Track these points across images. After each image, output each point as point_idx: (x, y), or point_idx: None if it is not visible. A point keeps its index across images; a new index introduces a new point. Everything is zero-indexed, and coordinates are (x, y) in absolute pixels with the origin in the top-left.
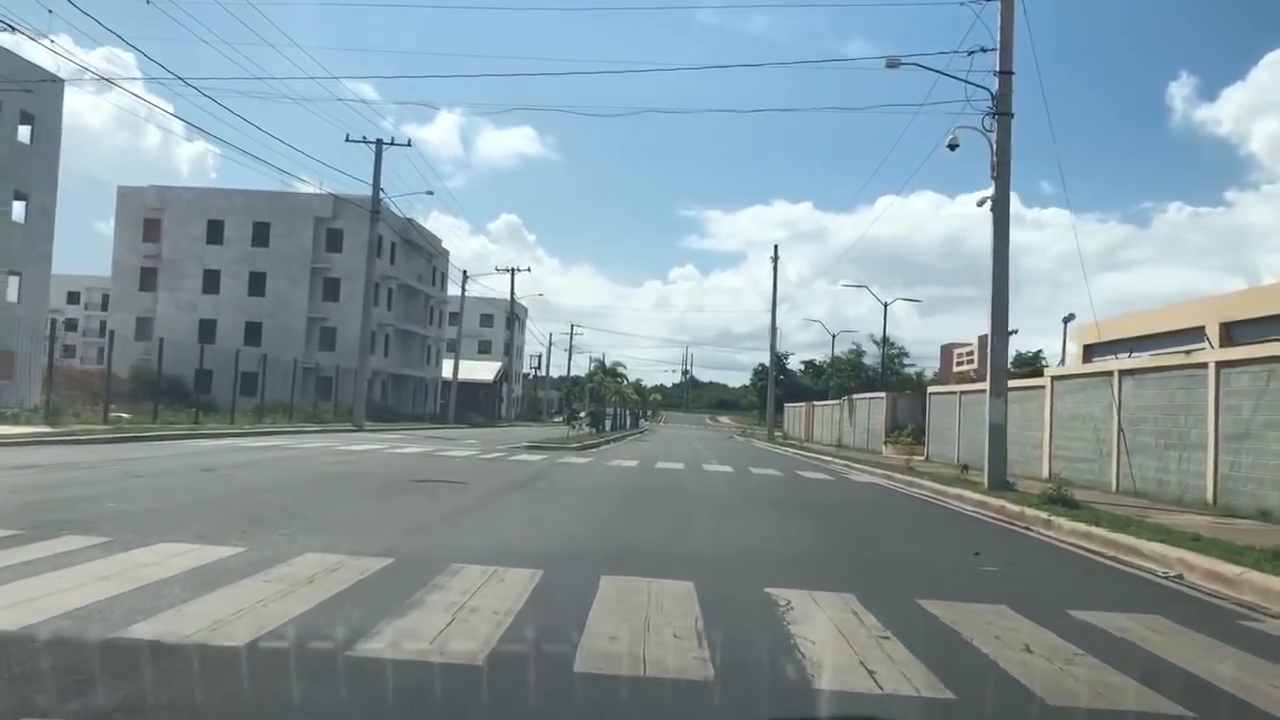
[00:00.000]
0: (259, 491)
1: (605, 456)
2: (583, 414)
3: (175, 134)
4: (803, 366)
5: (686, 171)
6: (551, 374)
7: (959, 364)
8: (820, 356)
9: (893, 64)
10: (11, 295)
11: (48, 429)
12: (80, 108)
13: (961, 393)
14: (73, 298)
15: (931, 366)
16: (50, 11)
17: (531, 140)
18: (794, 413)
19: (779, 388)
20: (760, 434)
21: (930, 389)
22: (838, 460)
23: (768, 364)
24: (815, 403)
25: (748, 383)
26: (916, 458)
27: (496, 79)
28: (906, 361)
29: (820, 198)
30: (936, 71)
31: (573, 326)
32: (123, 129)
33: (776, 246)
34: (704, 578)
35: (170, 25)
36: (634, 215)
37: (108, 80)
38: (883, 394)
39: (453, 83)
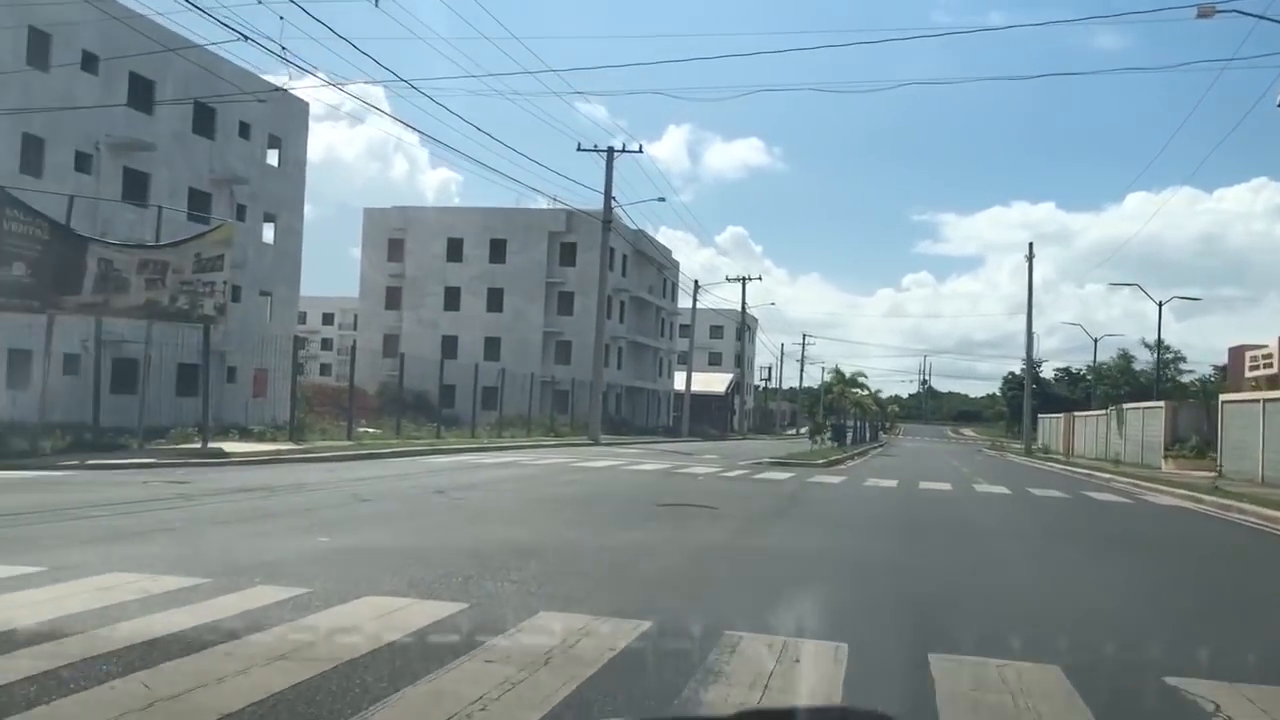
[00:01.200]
0: (490, 520)
1: (858, 474)
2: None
3: (420, 159)
4: (1056, 374)
5: (918, 175)
6: (781, 385)
7: (1252, 368)
8: (1077, 363)
9: (1205, 13)
10: (265, 315)
11: (290, 446)
12: (336, 141)
13: (1265, 400)
14: (328, 318)
15: (1204, 372)
16: (282, 18)
17: (759, 151)
18: (1050, 424)
19: (1032, 396)
20: (1012, 447)
21: (1223, 397)
22: (1119, 478)
23: (1018, 372)
24: (1076, 413)
25: (995, 392)
26: (1211, 474)
27: (727, 77)
28: (1184, 367)
29: (1063, 197)
30: (1256, 16)
31: (804, 336)
32: (373, 159)
33: (1031, 245)
34: (1069, 657)
35: (396, 29)
36: (863, 222)
37: (336, 85)
38: (1160, 403)
39: (684, 84)
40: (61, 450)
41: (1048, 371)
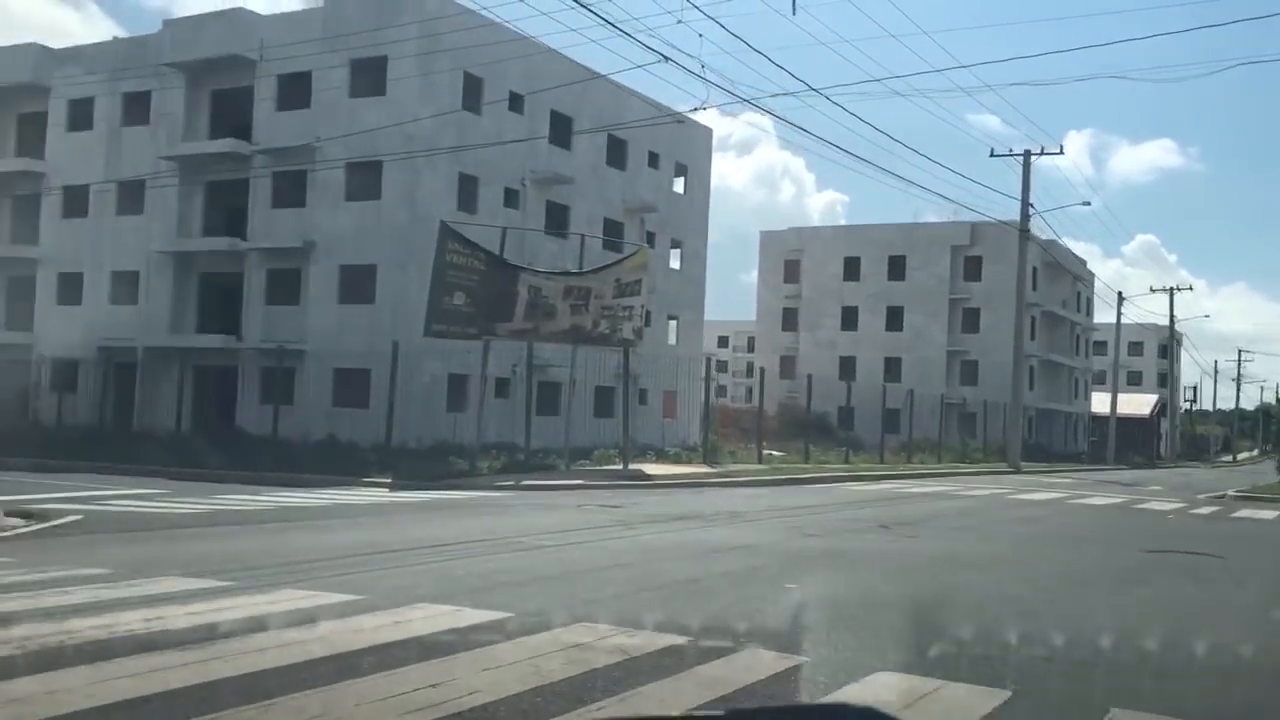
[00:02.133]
0: (963, 567)
1: None
2: None
3: (806, 183)
4: None
5: None
6: (1215, 406)
7: None
8: None
9: None
10: (671, 338)
11: (706, 469)
12: (726, 170)
13: None
14: (722, 341)
15: None
16: (701, 35)
17: (1170, 152)
18: None
19: None
20: None
21: None
22: None
23: None
24: None
25: None
26: None
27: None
28: None
29: None
30: None
31: (1240, 352)
32: (761, 186)
33: None
34: None
35: (800, 36)
36: None
37: (750, 101)
38: None
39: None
40: (497, 471)
41: None
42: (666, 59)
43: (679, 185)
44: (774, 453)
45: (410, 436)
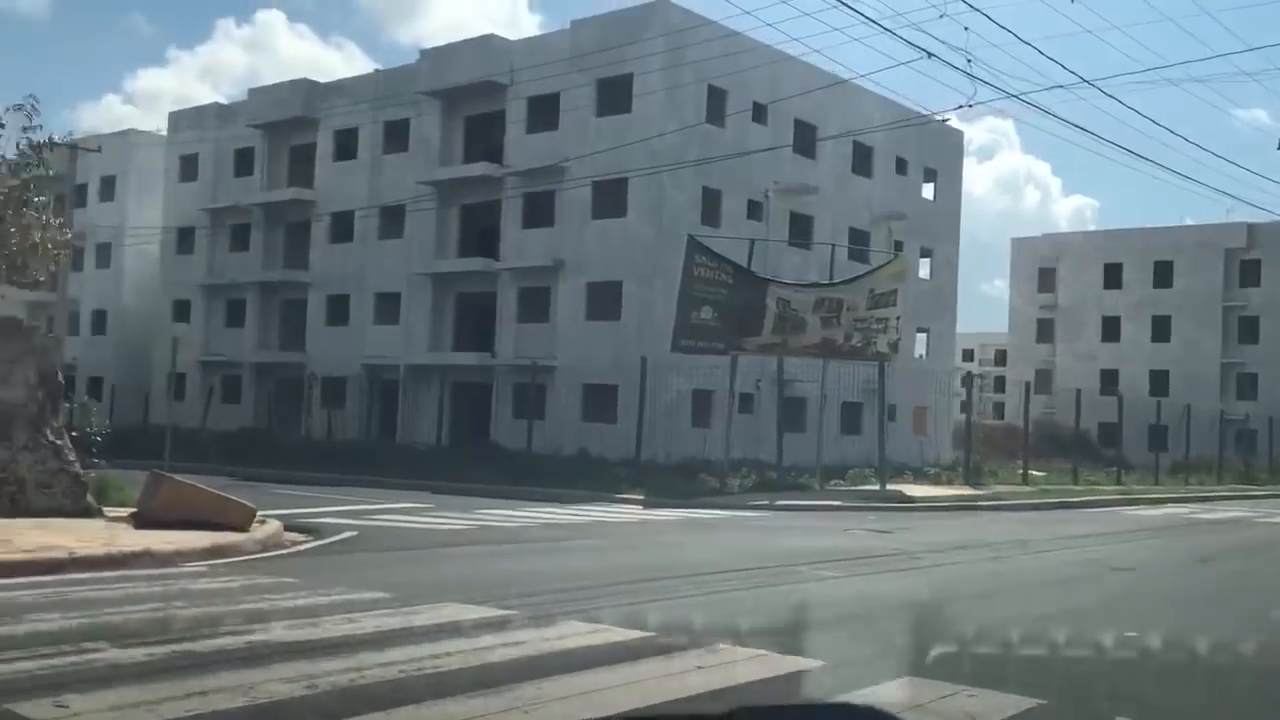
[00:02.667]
0: None
1: None
2: None
3: (1051, 188)
4: None
5: None
6: None
7: None
8: None
9: None
10: (918, 351)
11: (969, 490)
12: (967, 177)
13: None
14: (967, 355)
15: None
16: (966, 29)
17: None
18: None
19: None
20: None
21: None
22: None
23: None
24: None
25: None
26: None
27: None
28: None
29: None
30: None
31: None
32: (1004, 192)
33: None
34: None
35: (1063, 25)
36: None
37: (1018, 96)
38: None
39: None
40: (748, 489)
41: None
42: (930, 55)
43: (928, 191)
44: (1035, 473)
45: (658, 452)
